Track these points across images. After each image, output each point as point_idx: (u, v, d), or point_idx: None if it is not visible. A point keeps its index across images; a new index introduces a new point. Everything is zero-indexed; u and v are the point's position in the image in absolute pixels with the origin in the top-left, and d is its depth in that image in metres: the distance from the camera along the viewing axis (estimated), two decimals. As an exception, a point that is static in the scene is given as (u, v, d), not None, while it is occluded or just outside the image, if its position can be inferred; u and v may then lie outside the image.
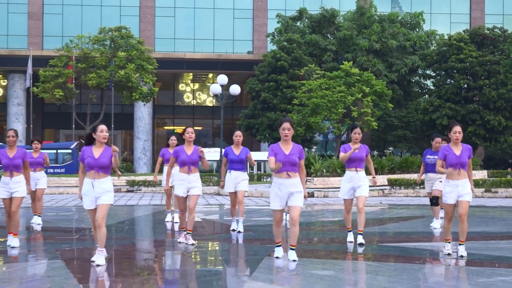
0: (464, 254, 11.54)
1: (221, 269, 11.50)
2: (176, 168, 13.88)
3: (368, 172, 13.75)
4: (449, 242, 11.93)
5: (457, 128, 11.65)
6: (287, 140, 11.14)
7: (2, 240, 14.07)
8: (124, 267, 11.49)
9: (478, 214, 21.53)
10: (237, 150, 15.16)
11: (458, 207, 11.61)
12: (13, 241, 13.19)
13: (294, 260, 11.00)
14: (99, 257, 10.94)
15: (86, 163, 10.98)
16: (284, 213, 15.31)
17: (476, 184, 32.63)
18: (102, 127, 11.08)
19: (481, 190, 31.77)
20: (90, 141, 11.17)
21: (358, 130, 13.38)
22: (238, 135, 15.21)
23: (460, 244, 11.66)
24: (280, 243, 11.47)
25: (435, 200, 16.08)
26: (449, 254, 11.80)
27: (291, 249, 11.13)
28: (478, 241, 14.32)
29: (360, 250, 12.81)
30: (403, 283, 9.57)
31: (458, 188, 11.55)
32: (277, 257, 11.34)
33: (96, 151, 11.01)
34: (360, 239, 13.29)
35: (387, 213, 22.06)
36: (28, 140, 57.55)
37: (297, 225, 11.02)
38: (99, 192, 10.95)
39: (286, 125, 11.07)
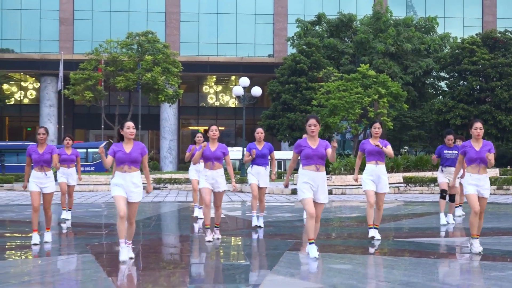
0: (480, 249, 11.36)
1: (243, 263, 11.48)
2: (202, 164, 13.87)
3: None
4: (477, 238, 11.53)
5: (478, 125, 11.44)
6: (313, 136, 11.08)
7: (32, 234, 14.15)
8: (151, 260, 11.52)
9: (490, 210, 21.39)
10: (260, 145, 15.13)
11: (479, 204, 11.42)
12: (47, 235, 13.20)
13: (315, 257, 10.84)
14: (128, 251, 11.02)
15: (118, 158, 10.93)
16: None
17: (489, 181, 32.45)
18: (129, 123, 11.09)
19: (493, 188, 31.49)
20: (122, 138, 11.18)
21: (377, 125, 13.27)
22: (259, 132, 15.15)
23: (473, 238, 11.48)
24: (313, 240, 11.11)
25: (451, 197, 16.00)
26: (480, 253, 11.41)
27: (311, 243, 11.01)
28: (490, 237, 14.21)
29: (376, 244, 12.76)
30: (418, 277, 9.52)
31: (480, 182, 11.41)
32: (314, 258, 10.93)
33: (127, 147, 11.00)
34: (377, 234, 13.19)
35: (403, 210, 22.00)
36: (60, 140, 57.85)
37: (319, 221, 11.08)
38: (130, 187, 10.93)
39: (312, 121, 11.07)
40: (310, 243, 11.09)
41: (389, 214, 20.35)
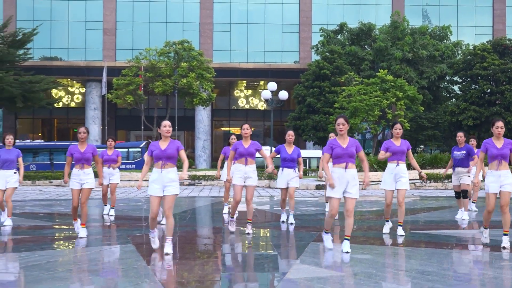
0: (507, 245, 11.20)
1: (272, 253, 11.48)
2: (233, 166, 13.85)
3: (410, 168, 13.38)
4: (487, 228, 11.59)
5: (499, 124, 11.28)
6: (343, 134, 10.89)
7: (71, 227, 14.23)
8: (186, 251, 11.56)
9: (499, 205, 21.24)
10: (289, 149, 14.91)
11: (500, 198, 11.38)
12: (82, 231, 13.05)
13: (347, 252, 10.73)
14: (168, 246, 10.84)
15: (155, 155, 10.90)
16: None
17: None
18: (166, 122, 11.07)
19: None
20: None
21: (398, 125, 12.97)
22: (290, 134, 14.92)
23: (504, 234, 11.37)
24: (329, 231, 11.22)
25: (464, 194, 15.93)
26: (487, 243, 11.46)
27: (346, 239, 10.88)
28: (499, 229, 14.04)
29: (400, 240, 12.67)
30: (433, 266, 9.51)
31: (500, 178, 11.28)
32: (330, 249, 11.03)
33: (163, 144, 10.96)
34: (401, 231, 13.09)
35: (419, 204, 21.90)
36: (103, 140, 58.21)
37: (352, 216, 10.84)
38: (166, 182, 10.84)
39: (340, 120, 10.83)
40: (326, 233, 11.21)
41: (406, 208, 20.13)
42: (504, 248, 11.15)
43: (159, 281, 8.59)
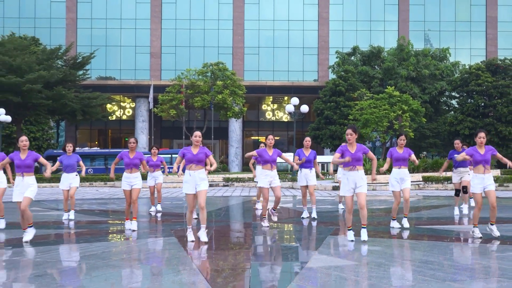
0: (497, 234, 11.59)
1: (294, 245, 11.45)
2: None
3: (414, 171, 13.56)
4: (477, 227, 11.79)
5: (482, 134, 11.60)
6: (351, 143, 11.17)
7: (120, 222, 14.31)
8: (221, 242, 11.56)
9: (493, 203, 21.10)
10: (306, 152, 15.21)
11: (488, 197, 11.56)
12: (133, 224, 13.43)
13: (363, 240, 10.99)
14: (203, 234, 11.30)
15: (187, 158, 11.37)
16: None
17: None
18: (197, 132, 11.63)
19: (496, 185, 31.16)
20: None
21: (403, 137, 13.40)
22: (307, 140, 15.19)
23: (491, 224, 11.69)
24: (351, 227, 11.38)
25: (464, 189, 16.01)
26: (480, 237, 11.57)
27: (363, 227, 11.17)
28: (493, 224, 14.01)
29: (404, 233, 12.65)
30: (434, 256, 9.46)
31: (484, 180, 11.53)
32: (351, 240, 11.14)
33: (194, 150, 11.44)
34: (406, 223, 13.43)
35: (422, 203, 21.73)
36: (150, 148, 58.46)
37: (365, 208, 11.09)
38: (197, 181, 11.29)
39: (349, 131, 11.13)
40: (349, 230, 11.31)
41: (411, 206, 20.10)
42: (497, 237, 11.42)
43: (197, 269, 8.59)
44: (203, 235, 11.27)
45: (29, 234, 11.60)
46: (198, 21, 65.67)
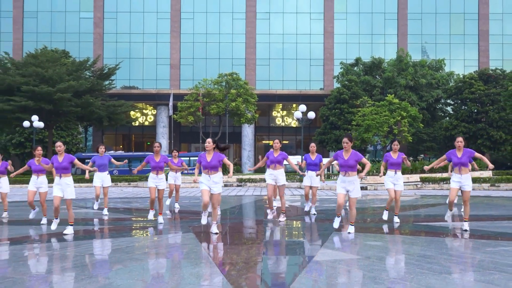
0: (467, 228, 11.87)
1: (302, 240, 11.43)
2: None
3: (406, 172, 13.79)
4: (451, 211, 12.48)
5: (459, 139, 12.07)
6: (347, 150, 11.52)
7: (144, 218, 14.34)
8: (235, 238, 11.56)
9: (485, 202, 20.97)
10: (313, 156, 15.43)
11: (462, 196, 11.95)
12: (160, 218, 14.03)
13: (349, 233, 11.56)
14: (214, 227, 11.87)
15: (203, 165, 11.78)
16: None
17: (484, 181, 31.92)
18: (208, 139, 11.98)
19: (488, 185, 30.98)
20: (219, 148, 12.11)
21: (396, 142, 13.84)
22: (312, 146, 15.32)
23: (464, 221, 11.92)
24: (340, 215, 12.07)
25: None
26: (446, 221, 12.71)
27: (351, 225, 11.74)
28: (486, 221, 13.98)
29: (403, 229, 12.65)
30: (431, 251, 9.44)
31: (461, 180, 11.84)
32: (335, 228, 12.02)
33: (208, 157, 11.80)
34: (396, 219, 13.79)
35: (420, 201, 21.65)
36: (170, 151, 58.59)
37: (354, 209, 11.61)
38: (212, 184, 11.79)
39: (345, 139, 11.51)
40: (337, 217, 12.05)
41: (409, 204, 20.11)
42: (466, 230, 11.77)
43: (213, 262, 8.61)
44: (214, 228, 11.81)
45: (69, 229, 12.12)
46: (213, 35, 65.81)
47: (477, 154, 12.00)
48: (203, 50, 65.70)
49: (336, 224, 12.01)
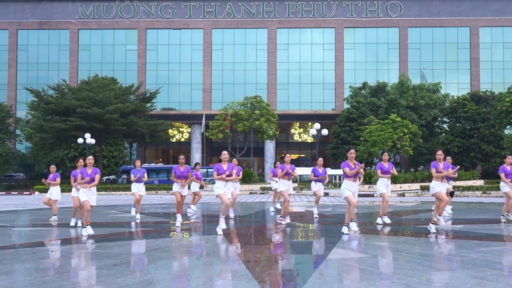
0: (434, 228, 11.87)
1: (317, 241, 11.37)
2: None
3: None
4: (441, 215, 12.35)
5: (439, 152, 12.07)
6: (352, 159, 11.89)
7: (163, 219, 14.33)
8: (258, 238, 11.55)
9: (478, 207, 20.70)
10: (320, 170, 15.75)
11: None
12: (178, 217, 14.36)
13: (355, 230, 11.70)
14: (222, 223, 11.99)
15: (219, 173, 11.98)
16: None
17: (476, 189, 31.51)
18: (224, 151, 12.36)
19: (480, 192, 30.57)
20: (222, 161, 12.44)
21: (386, 154, 14.20)
22: (320, 161, 15.88)
23: (439, 215, 12.08)
24: (347, 224, 11.80)
25: (451, 194, 15.91)
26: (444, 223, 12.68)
27: (351, 221, 11.84)
28: (479, 224, 13.79)
29: (405, 231, 12.49)
30: (432, 251, 9.37)
31: (443, 186, 11.93)
32: (351, 231, 11.72)
33: (224, 166, 12.12)
34: (387, 219, 13.96)
35: (420, 207, 21.42)
36: (203, 163, 58.83)
37: (355, 207, 11.81)
38: (229, 189, 12.27)
39: (352, 150, 11.86)
40: (351, 221, 11.89)
41: (411, 209, 19.93)
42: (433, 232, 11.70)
43: (240, 260, 8.59)
44: (222, 224, 11.99)
45: (88, 230, 12.20)
46: (240, 63, 66.17)
47: (450, 170, 12.11)
48: (231, 76, 66.07)
49: (353, 227, 11.87)
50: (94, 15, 66.83)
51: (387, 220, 13.95)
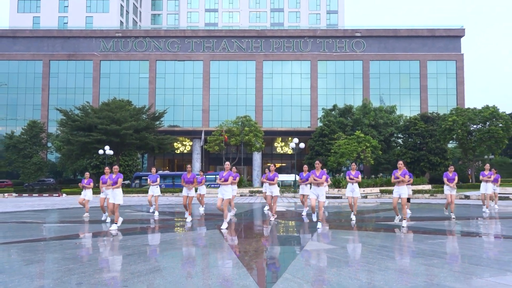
0: (405, 225, 11.93)
1: (296, 235, 11.33)
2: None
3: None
4: (398, 216, 12.79)
5: (400, 162, 12.30)
6: (317, 168, 12.50)
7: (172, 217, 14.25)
8: (247, 234, 11.49)
9: (427, 207, 20.76)
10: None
11: (401, 201, 12.23)
12: (188, 218, 14.36)
13: (318, 228, 11.80)
14: (224, 223, 12.16)
15: (220, 178, 12.29)
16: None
17: (425, 192, 31.60)
18: (227, 162, 12.59)
19: (428, 195, 30.65)
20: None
21: (354, 164, 14.30)
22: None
23: (403, 220, 12.09)
24: (315, 212, 12.35)
25: (408, 200, 15.87)
26: (400, 221, 12.71)
27: (319, 221, 12.22)
28: (427, 221, 13.84)
29: (367, 226, 12.51)
30: (389, 242, 9.35)
31: (399, 191, 12.22)
32: (315, 223, 11.98)
33: (225, 173, 12.32)
34: (353, 217, 14.05)
35: (380, 207, 21.45)
36: (198, 170, 58.43)
37: (322, 209, 12.70)
38: (224, 193, 12.18)
39: (317, 161, 12.52)
40: (313, 213, 12.69)
41: (372, 209, 19.92)
42: (403, 227, 11.76)
43: (232, 250, 8.56)
44: (224, 225, 12.05)
45: (115, 226, 12.27)
46: (232, 89, 66.22)
47: (407, 176, 12.29)
48: (225, 99, 66.09)
49: (314, 218, 12.90)
50: (113, 49, 66.86)
51: (353, 217, 14.02)
